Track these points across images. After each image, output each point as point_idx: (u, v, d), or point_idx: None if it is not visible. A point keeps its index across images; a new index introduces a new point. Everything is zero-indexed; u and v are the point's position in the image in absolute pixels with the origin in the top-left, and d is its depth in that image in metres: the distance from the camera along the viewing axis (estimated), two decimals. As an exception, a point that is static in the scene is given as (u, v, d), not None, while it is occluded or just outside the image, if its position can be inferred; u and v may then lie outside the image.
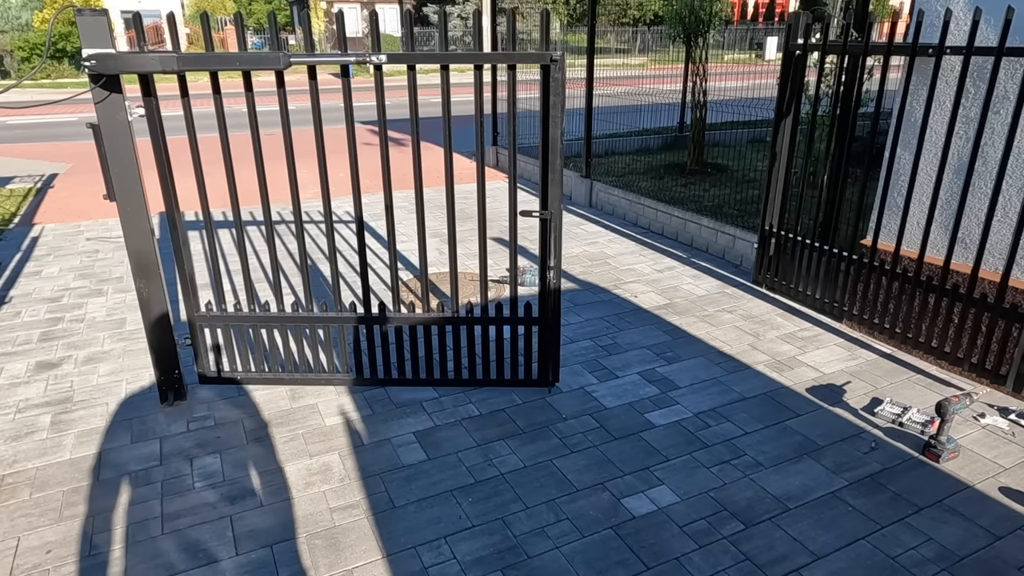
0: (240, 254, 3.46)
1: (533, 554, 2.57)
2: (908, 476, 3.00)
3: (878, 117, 4.02)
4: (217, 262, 3.48)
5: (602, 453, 3.18)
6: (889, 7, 17.10)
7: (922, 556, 2.56)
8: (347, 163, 7.49)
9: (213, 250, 3.42)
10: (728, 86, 7.95)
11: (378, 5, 34.92)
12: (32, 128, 13.80)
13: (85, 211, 7.37)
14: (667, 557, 2.56)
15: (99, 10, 2.84)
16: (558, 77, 3.02)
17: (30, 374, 3.89)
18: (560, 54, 2.95)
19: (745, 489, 2.93)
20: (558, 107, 3.07)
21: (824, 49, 4.30)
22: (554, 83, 3.04)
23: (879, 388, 3.71)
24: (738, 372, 3.89)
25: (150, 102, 3.09)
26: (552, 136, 3.14)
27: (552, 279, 3.43)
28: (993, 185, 3.46)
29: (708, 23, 7.92)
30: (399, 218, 7.06)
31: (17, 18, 26.78)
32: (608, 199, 7.27)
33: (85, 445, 3.23)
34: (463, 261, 5.73)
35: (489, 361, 3.88)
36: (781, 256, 4.83)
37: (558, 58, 2.96)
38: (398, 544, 2.62)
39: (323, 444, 3.24)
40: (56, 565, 2.52)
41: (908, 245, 4.06)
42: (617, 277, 5.35)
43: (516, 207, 3.26)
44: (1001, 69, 3.50)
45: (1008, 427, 3.35)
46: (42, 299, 4.95)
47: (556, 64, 2.99)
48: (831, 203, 4.45)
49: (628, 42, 18.81)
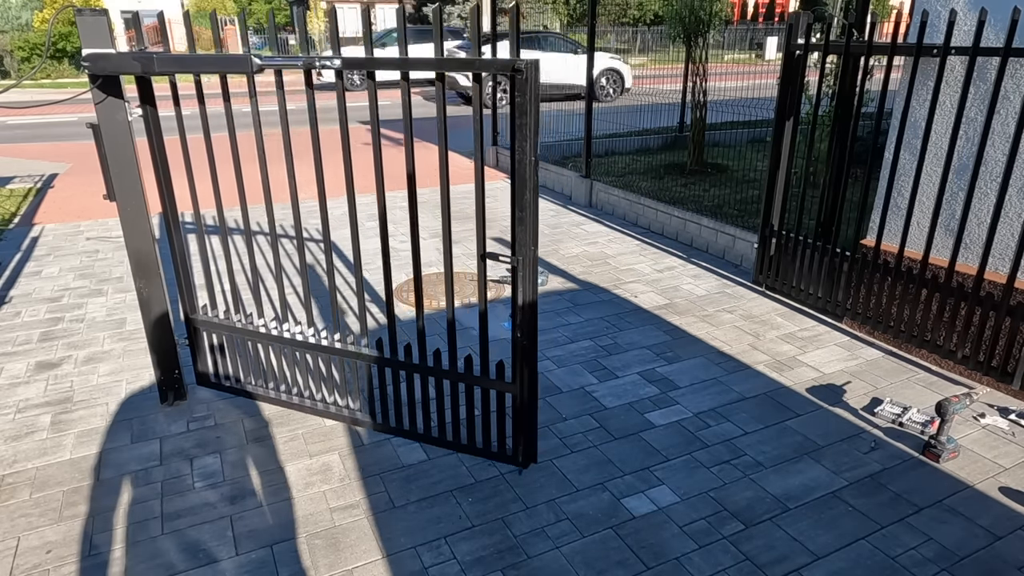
0: (227, 261, 3.39)
1: (533, 554, 2.57)
2: (908, 476, 3.00)
3: (880, 117, 4.02)
4: (208, 264, 3.39)
5: (602, 453, 3.18)
6: (889, 7, 17.10)
7: (922, 556, 2.56)
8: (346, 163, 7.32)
9: (204, 252, 3.41)
10: (728, 86, 7.95)
11: (378, 5, 34.91)
12: (32, 128, 13.80)
13: (85, 211, 7.37)
14: (667, 557, 2.56)
15: (99, 10, 2.84)
16: (528, 90, 2.39)
17: (30, 374, 3.89)
18: (530, 62, 2.35)
19: (745, 489, 2.93)
20: (529, 127, 2.45)
21: (826, 49, 4.30)
22: (522, 99, 2.41)
23: (879, 388, 3.71)
24: (738, 372, 3.89)
25: (149, 103, 3.09)
26: (520, 163, 2.52)
27: (522, 338, 2.82)
28: (1000, 184, 3.46)
29: (708, 23, 7.92)
30: (398, 218, 7.06)
31: (17, 18, 26.77)
32: (608, 199, 7.27)
33: (85, 445, 3.23)
34: (463, 261, 5.73)
35: (450, 420, 3.36)
36: (782, 256, 4.83)
37: (524, 67, 2.34)
38: (398, 544, 2.62)
39: (323, 444, 3.24)
40: (56, 565, 2.52)
41: (909, 245, 4.06)
42: (617, 277, 5.35)
43: (485, 249, 2.77)
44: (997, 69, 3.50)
45: (1008, 427, 3.35)
46: (42, 299, 4.94)
47: (523, 74, 2.37)
48: (832, 203, 4.45)
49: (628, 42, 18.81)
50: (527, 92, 2.41)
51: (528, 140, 2.49)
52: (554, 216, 7.15)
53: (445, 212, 2.73)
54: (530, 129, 2.47)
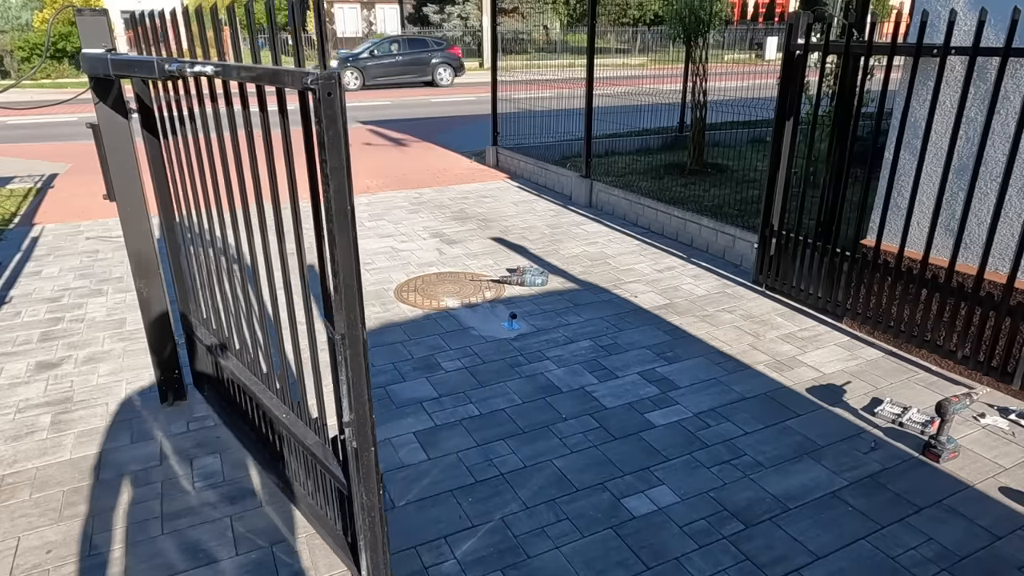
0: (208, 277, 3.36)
1: (533, 554, 2.57)
2: (908, 476, 3.00)
3: (880, 117, 4.02)
4: (193, 271, 3.30)
5: (602, 453, 3.18)
6: (889, 7, 17.10)
7: (922, 556, 2.56)
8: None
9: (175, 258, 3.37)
10: (728, 86, 7.95)
11: (378, 5, 34.92)
12: (32, 128, 13.80)
13: (85, 211, 7.36)
14: (667, 557, 2.56)
15: (99, 10, 2.84)
16: (332, 112, 1.71)
17: (30, 374, 3.89)
18: (329, 75, 1.68)
19: (745, 489, 2.93)
20: (337, 158, 1.75)
21: (826, 49, 4.30)
22: (326, 120, 1.71)
23: (879, 388, 3.71)
24: (738, 372, 3.89)
25: (147, 104, 3.09)
26: (324, 202, 1.84)
27: (354, 442, 2.07)
28: (1000, 184, 3.46)
29: (708, 23, 7.92)
30: (398, 218, 7.07)
31: (17, 18, 26.78)
32: (608, 199, 7.27)
33: (85, 445, 3.23)
34: (463, 261, 5.73)
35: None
36: (782, 256, 4.83)
37: (317, 85, 1.68)
38: (398, 544, 2.62)
39: (323, 444, 3.24)
40: (56, 565, 2.52)
41: (909, 245, 4.06)
42: (617, 277, 5.35)
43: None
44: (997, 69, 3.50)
45: (1008, 427, 3.35)
46: (42, 299, 4.94)
47: (318, 92, 1.68)
48: (832, 203, 4.45)
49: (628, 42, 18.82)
50: (333, 114, 1.71)
51: (340, 172, 1.77)
52: (554, 216, 7.15)
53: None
54: (340, 157, 1.75)
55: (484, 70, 24.22)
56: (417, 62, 21.97)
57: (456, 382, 3.79)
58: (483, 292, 5.03)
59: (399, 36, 24.65)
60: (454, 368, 3.94)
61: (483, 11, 30.39)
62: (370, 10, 34.74)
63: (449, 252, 5.97)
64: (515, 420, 3.43)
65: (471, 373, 3.89)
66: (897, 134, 3.90)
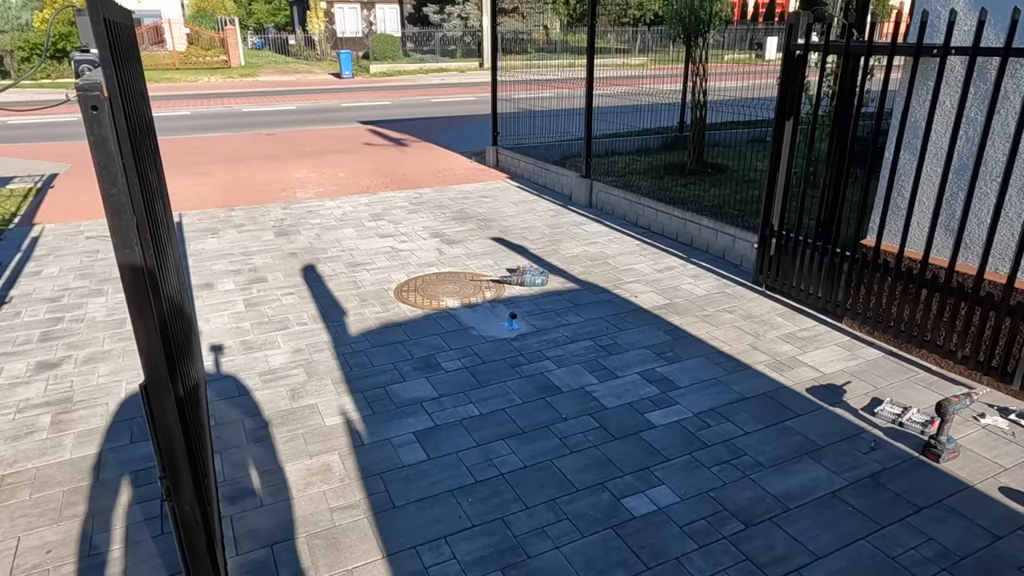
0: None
1: (533, 554, 2.57)
2: (908, 476, 3.00)
3: (880, 117, 4.02)
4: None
5: (602, 453, 3.18)
6: (889, 7, 17.10)
7: (922, 556, 2.56)
8: (347, 163, 7.47)
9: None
10: (728, 86, 7.94)
11: (378, 5, 34.90)
12: (32, 128, 13.80)
13: (85, 211, 7.36)
14: (667, 557, 2.56)
15: (99, 10, 2.84)
16: (100, 130, 1.49)
17: (30, 374, 3.89)
18: (93, 85, 1.44)
19: (745, 489, 2.93)
20: (114, 175, 1.53)
21: (826, 49, 4.29)
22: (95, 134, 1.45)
23: (879, 388, 3.71)
24: (738, 372, 3.89)
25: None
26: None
27: (192, 514, 1.93)
28: (1000, 184, 3.46)
29: (708, 23, 7.92)
30: (398, 218, 7.07)
31: (17, 18, 26.75)
32: (608, 199, 7.27)
33: (85, 445, 3.23)
34: (463, 261, 5.73)
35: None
36: (782, 256, 4.83)
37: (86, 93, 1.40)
38: (398, 544, 2.62)
39: (323, 444, 3.24)
40: (56, 565, 2.52)
41: (909, 245, 4.06)
42: (617, 277, 5.35)
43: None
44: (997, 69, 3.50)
45: (1008, 427, 3.35)
46: (42, 299, 4.94)
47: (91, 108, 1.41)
48: (832, 203, 4.45)
49: (628, 42, 18.83)
50: (101, 133, 1.46)
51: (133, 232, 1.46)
52: (554, 216, 7.15)
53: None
54: (123, 176, 1.47)
55: (484, 70, 24.23)
56: None
57: (456, 382, 3.79)
58: (483, 292, 5.03)
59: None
60: (454, 368, 3.94)
61: (483, 11, 30.38)
62: (370, 10, 34.75)
63: (449, 252, 5.97)
64: (515, 420, 3.43)
65: (471, 373, 3.89)
66: (897, 134, 3.90)
